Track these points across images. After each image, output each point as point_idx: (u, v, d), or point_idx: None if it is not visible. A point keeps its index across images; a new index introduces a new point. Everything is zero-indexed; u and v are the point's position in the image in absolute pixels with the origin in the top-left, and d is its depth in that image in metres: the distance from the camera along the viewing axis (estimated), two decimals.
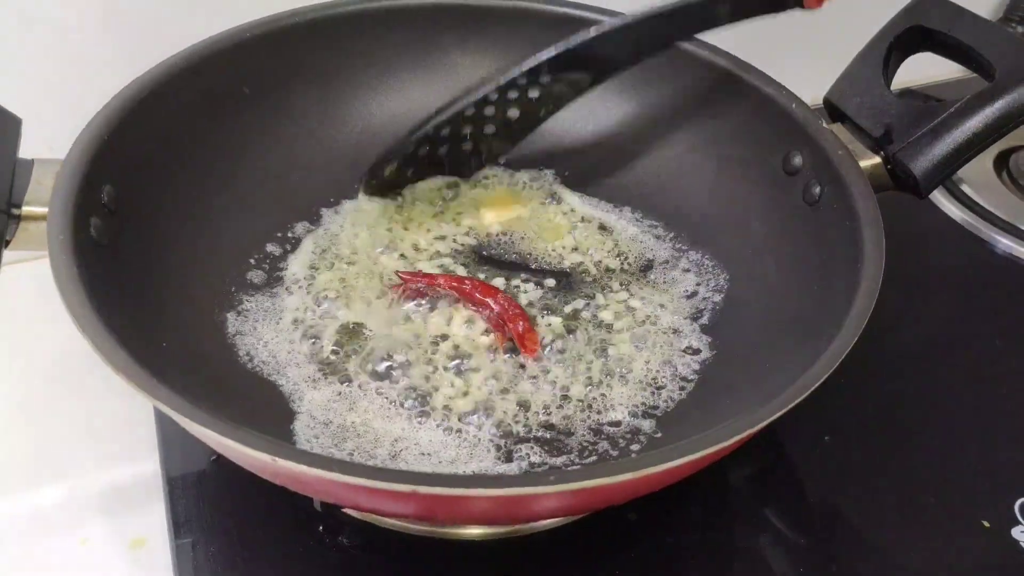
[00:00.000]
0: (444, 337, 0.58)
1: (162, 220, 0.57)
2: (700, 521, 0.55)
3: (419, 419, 0.54)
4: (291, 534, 0.53)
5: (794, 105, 0.61)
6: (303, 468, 0.39)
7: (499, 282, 0.62)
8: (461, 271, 0.63)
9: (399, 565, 0.52)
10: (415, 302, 0.60)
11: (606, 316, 0.61)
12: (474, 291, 0.60)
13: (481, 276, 0.62)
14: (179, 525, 0.53)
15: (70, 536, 0.54)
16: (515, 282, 0.63)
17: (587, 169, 0.70)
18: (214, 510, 0.53)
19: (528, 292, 0.62)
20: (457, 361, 0.57)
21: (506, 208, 0.67)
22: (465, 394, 0.55)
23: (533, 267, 0.64)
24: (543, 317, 0.60)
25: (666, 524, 0.54)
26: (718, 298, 0.62)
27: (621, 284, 0.63)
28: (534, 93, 0.61)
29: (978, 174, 0.81)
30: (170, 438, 0.57)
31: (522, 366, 0.57)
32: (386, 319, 0.59)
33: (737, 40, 0.65)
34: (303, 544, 0.52)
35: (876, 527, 0.55)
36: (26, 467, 0.58)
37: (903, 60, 0.61)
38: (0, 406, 0.61)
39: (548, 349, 0.58)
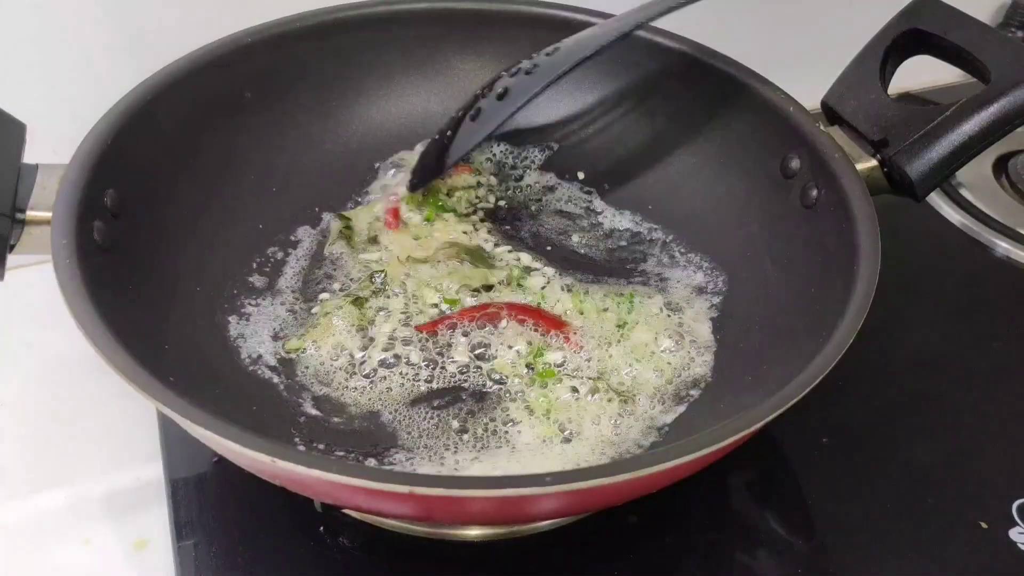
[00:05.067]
0: (449, 346, 0.58)
1: (164, 224, 0.57)
2: (699, 523, 0.55)
3: (421, 417, 0.54)
4: (292, 535, 0.53)
5: (792, 108, 0.61)
6: (302, 469, 0.39)
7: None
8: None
9: (399, 566, 0.53)
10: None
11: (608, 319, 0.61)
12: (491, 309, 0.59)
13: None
14: (181, 526, 0.53)
15: (73, 537, 0.54)
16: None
17: (587, 173, 0.70)
18: (216, 512, 0.54)
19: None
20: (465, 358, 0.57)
21: None
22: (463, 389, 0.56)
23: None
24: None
25: (665, 526, 0.54)
26: (716, 300, 0.62)
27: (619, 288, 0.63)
28: None
29: (977, 178, 0.82)
30: (172, 440, 0.57)
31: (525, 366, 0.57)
32: (388, 320, 0.60)
33: (736, 44, 0.65)
34: (304, 545, 0.52)
35: (874, 528, 0.55)
36: (30, 469, 0.58)
37: (900, 63, 0.62)
38: (4, 408, 0.62)
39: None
